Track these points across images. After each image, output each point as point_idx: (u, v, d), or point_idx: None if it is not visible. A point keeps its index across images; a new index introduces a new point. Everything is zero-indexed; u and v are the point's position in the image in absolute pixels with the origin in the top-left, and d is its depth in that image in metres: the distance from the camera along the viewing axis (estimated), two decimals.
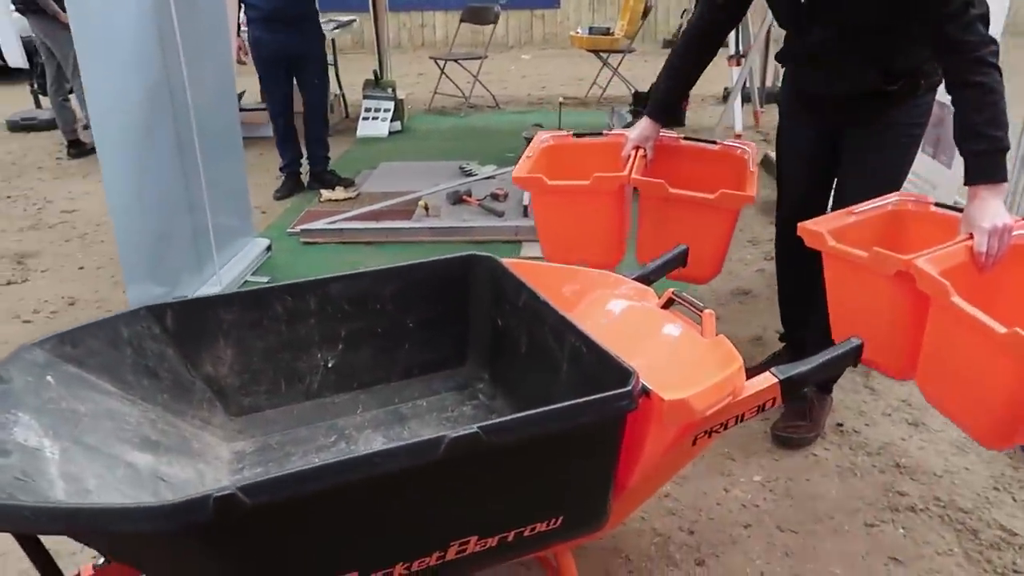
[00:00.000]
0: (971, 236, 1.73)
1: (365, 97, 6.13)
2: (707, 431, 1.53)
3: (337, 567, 1.21)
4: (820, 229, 1.91)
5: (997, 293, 1.76)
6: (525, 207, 3.91)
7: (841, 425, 2.35)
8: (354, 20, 6.74)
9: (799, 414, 2.29)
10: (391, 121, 6.02)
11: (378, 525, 1.21)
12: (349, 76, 6.76)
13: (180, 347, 1.64)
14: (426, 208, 4.01)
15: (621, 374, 1.34)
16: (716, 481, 2.12)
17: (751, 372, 1.54)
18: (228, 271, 3.34)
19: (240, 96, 4.39)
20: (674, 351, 1.70)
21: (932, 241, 1.79)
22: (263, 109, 5.34)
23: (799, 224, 1.93)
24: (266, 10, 4.22)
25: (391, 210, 4.10)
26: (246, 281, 3.43)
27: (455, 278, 1.87)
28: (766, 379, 1.55)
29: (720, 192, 2.20)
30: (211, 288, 3.18)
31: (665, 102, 2.40)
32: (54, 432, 1.32)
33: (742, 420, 1.55)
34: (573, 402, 1.27)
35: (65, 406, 1.40)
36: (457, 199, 4.13)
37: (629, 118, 5.05)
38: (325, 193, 4.46)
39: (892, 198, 2.03)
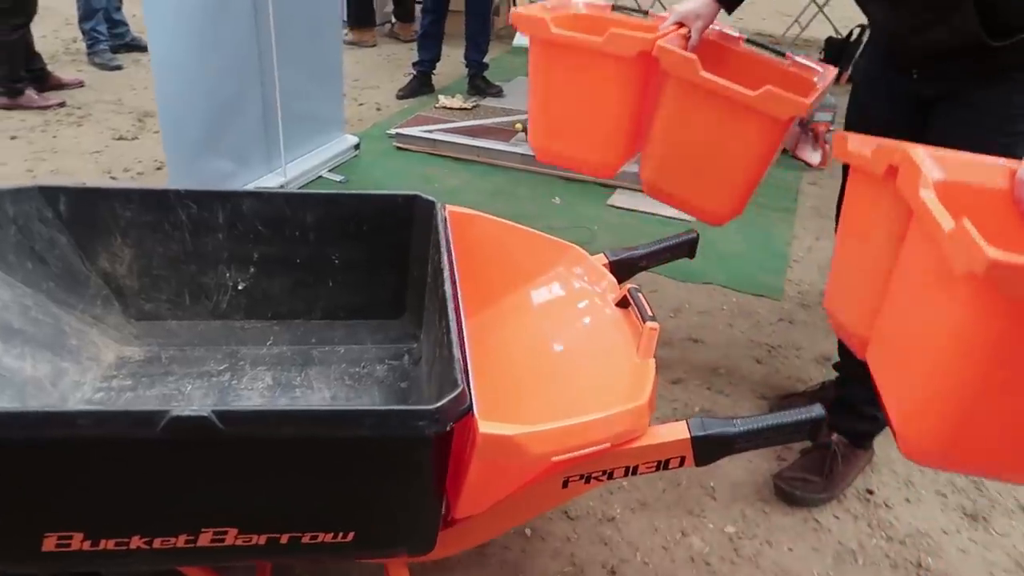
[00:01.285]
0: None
1: (531, 2, 5.77)
2: (583, 476, 1.20)
3: (58, 524, 1.06)
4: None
5: None
6: None
7: (872, 492, 1.87)
8: None
9: (814, 465, 1.83)
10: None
11: (105, 489, 1.05)
12: None
13: (74, 236, 1.53)
14: (524, 131, 3.70)
15: (451, 389, 1.06)
16: (678, 519, 1.77)
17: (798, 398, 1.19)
18: (301, 163, 3.27)
19: None
20: (598, 367, 1.37)
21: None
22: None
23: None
24: None
25: (492, 128, 3.83)
26: (320, 177, 3.36)
27: (394, 219, 1.62)
28: (676, 430, 1.19)
29: (765, 89, 1.64)
30: (276, 178, 3.13)
31: None
32: None
33: (635, 473, 1.21)
34: (350, 408, 1.05)
35: None
36: None
37: None
38: (442, 99, 4.26)
39: None
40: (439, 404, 1.02)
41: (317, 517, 1.12)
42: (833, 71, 1.85)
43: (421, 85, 4.50)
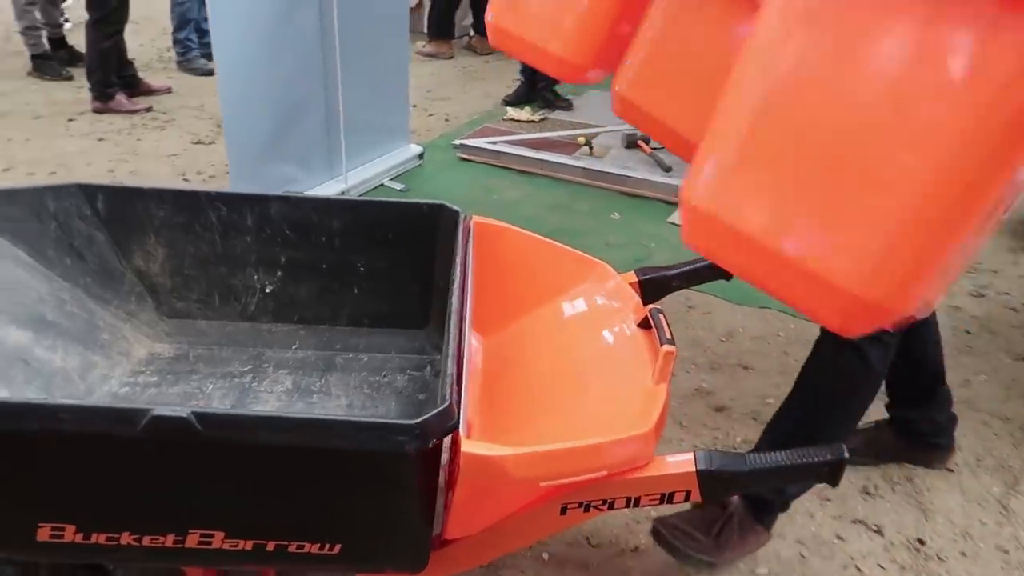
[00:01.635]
0: None
1: None
2: (581, 504, 1.14)
3: (51, 515, 1.08)
4: None
5: None
6: None
7: (923, 543, 1.72)
8: None
9: (704, 524, 1.59)
10: None
11: (94, 483, 1.06)
12: None
13: (111, 234, 1.58)
14: (588, 145, 3.65)
15: (440, 403, 1.02)
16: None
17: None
18: (363, 170, 3.32)
19: None
20: (612, 389, 1.31)
21: None
22: None
23: None
24: None
25: (557, 141, 3.80)
26: (381, 185, 3.39)
27: (419, 228, 1.60)
28: (682, 463, 1.12)
29: None
30: (337, 185, 3.18)
31: None
32: None
33: (637, 504, 1.14)
34: (325, 418, 1.02)
35: None
36: (632, 142, 3.70)
37: None
38: (510, 111, 4.26)
39: None
40: (421, 419, 0.99)
41: (302, 527, 1.10)
42: None
43: (526, 92, 4.46)
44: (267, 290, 1.65)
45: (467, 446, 0.99)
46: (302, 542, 1.11)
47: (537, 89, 4.40)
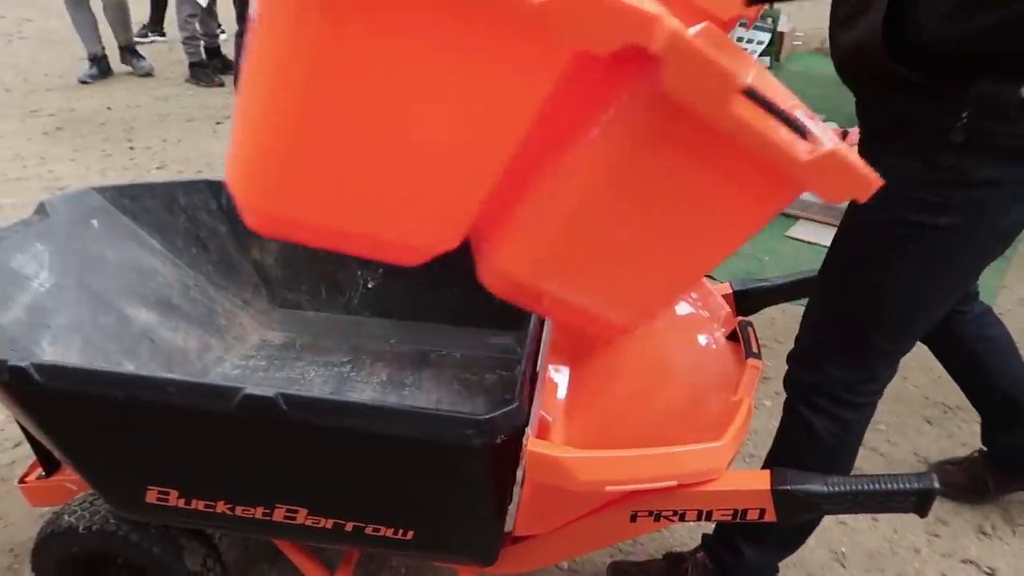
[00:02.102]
0: None
1: (739, 24, 5.56)
2: (651, 512, 1.13)
3: (154, 479, 1.18)
4: None
5: None
6: None
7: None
8: None
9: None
10: (759, 56, 5.39)
11: (195, 453, 1.15)
12: None
13: (232, 227, 1.71)
14: None
15: (508, 401, 1.05)
16: None
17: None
18: None
19: None
20: (694, 400, 1.29)
21: None
22: None
23: None
24: None
25: None
26: None
27: None
28: (757, 479, 1.09)
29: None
30: None
31: None
32: (62, 267, 1.49)
33: (708, 518, 1.12)
34: (400, 407, 1.05)
35: (94, 249, 1.56)
36: None
37: None
38: None
39: None
40: (489, 415, 1.01)
41: (378, 510, 1.15)
42: None
43: None
44: (369, 285, 1.74)
45: (532, 445, 1.01)
46: (378, 525, 1.16)
47: None
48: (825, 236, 3.00)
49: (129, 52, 5.04)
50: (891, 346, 1.23)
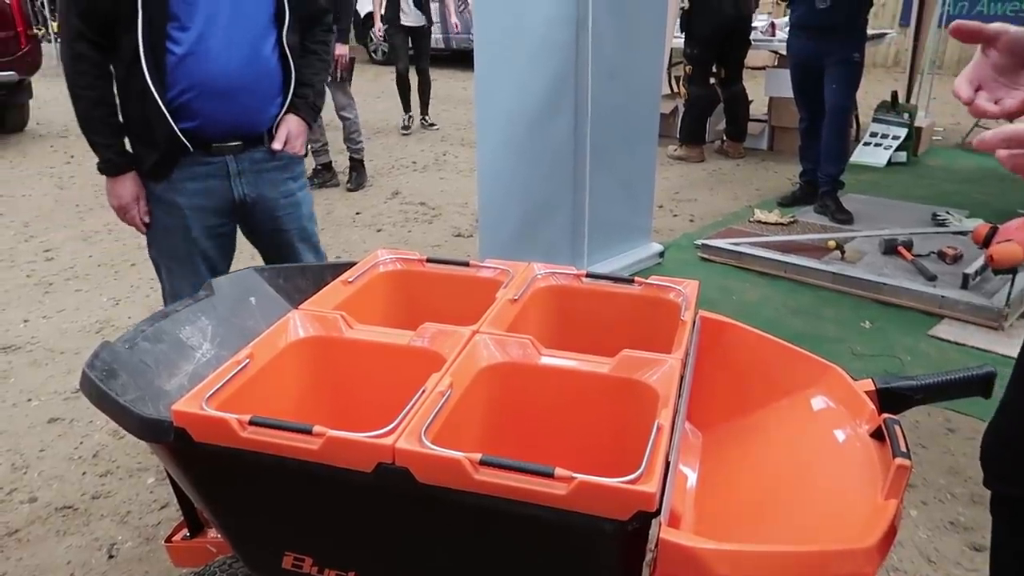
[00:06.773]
0: None
1: (874, 120, 5.47)
2: None
3: (295, 545, 1.23)
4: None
5: None
6: (966, 276, 3.06)
7: None
8: (887, 34, 5.97)
9: None
10: (896, 150, 5.26)
11: (329, 522, 1.19)
12: (871, 95, 6.10)
13: None
14: (840, 249, 3.46)
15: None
16: None
17: None
18: (603, 265, 3.44)
19: None
20: (836, 499, 1.22)
21: None
22: None
23: None
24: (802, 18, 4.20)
25: (805, 245, 3.65)
26: None
27: None
28: None
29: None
30: None
31: None
32: (222, 340, 1.61)
33: None
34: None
35: (251, 324, 1.68)
36: (891, 248, 3.45)
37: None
38: (757, 212, 4.18)
39: None
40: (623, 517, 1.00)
41: None
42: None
43: (805, 195, 4.46)
44: None
45: (666, 533, 0.98)
46: None
47: (819, 193, 4.30)
48: (972, 336, 2.82)
49: None
50: None
